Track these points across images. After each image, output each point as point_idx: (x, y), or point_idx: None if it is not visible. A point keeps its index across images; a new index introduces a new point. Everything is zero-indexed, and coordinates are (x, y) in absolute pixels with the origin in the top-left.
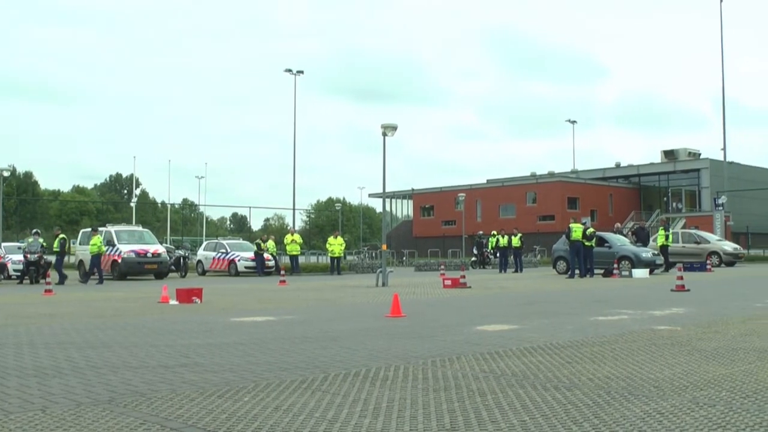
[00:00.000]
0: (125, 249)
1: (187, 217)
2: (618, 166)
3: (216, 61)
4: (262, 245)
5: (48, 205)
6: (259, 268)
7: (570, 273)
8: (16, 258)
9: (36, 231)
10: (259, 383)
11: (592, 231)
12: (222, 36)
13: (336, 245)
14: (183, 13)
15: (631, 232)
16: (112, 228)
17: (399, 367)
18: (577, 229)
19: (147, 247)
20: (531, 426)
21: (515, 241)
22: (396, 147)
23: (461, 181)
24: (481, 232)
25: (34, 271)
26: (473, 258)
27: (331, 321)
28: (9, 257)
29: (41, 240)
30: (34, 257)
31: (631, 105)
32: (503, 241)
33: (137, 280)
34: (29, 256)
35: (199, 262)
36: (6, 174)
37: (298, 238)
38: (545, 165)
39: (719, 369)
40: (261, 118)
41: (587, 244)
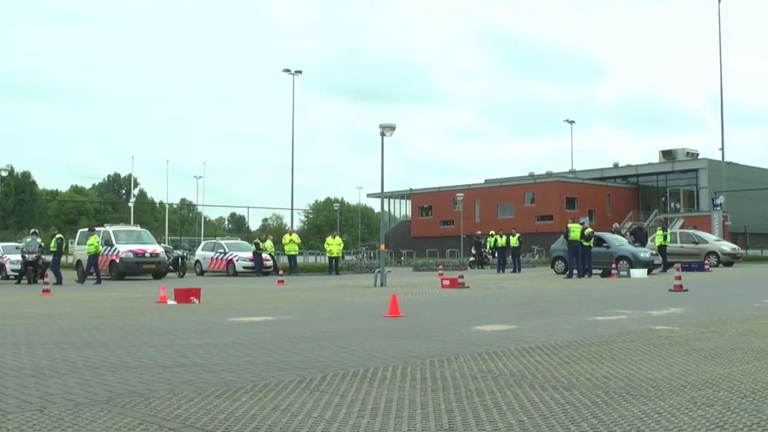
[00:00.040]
0: (123, 249)
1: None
2: (616, 166)
3: (214, 61)
4: (261, 245)
5: (46, 205)
6: (258, 268)
7: (568, 273)
8: (14, 258)
9: (34, 231)
10: (257, 383)
11: (590, 231)
12: (220, 36)
13: (334, 245)
14: (181, 14)
15: (630, 232)
16: (110, 228)
17: (397, 367)
18: (576, 229)
19: (145, 247)
20: (529, 426)
21: (513, 241)
22: (394, 147)
23: (459, 181)
24: (480, 232)
25: (32, 271)
26: (471, 258)
27: (330, 321)
28: (7, 257)
29: (39, 240)
30: (32, 257)
31: (630, 105)
32: (501, 241)
33: (135, 280)
34: (27, 256)
35: (198, 262)
36: (4, 174)
37: (296, 238)
38: (543, 165)
39: (717, 369)
40: (259, 118)
41: (585, 244)
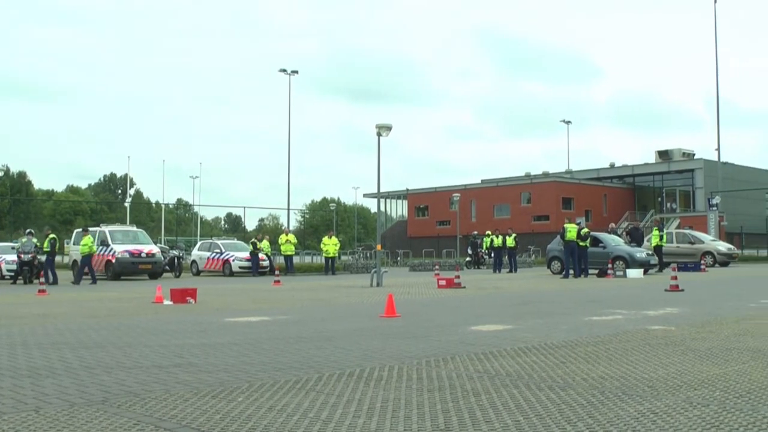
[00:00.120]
0: (119, 249)
1: (182, 217)
2: (612, 166)
3: (211, 61)
4: (257, 245)
5: (42, 205)
6: (254, 268)
7: (564, 273)
8: (9, 258)
9: (30, 231)
10: (254, 383)
11: (586, 231)
12: (217, 36)
13: (330, 245)
14: (178, 14)
15: (626, 232)
16: (106, 228)
17: (393, 367)
18: (572, 230)
19: (141, 247)
20: (525, 426)
21: (510, 242)
22: (391, 147)
23: (456, 182)
24: (476, 232)
25: (27, 272)
26: (468, 258)
27: (326, 321)
28: (2, 257)
29: (35, 240)
30: (27, 257)
31: (626, 105)
32: (498, 242)
33: (131, 280)
34: (23, 256)
35: (194, 262)
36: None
37: (292, 238)
38: (540, 165)
39: (713, 369)
40: (256, 118)
41: (582, 244)
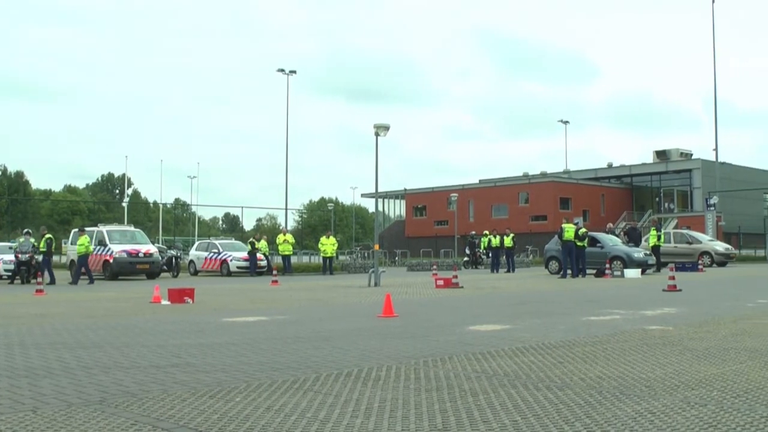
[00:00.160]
0: (117, 249)
1: (179, 217)
2: (610, 166)
3: (208, 61)
4: (256, 244)
5: (39, 205)
6: (252, 267)
7: (562, 273)
8: (7, 258)
9: (27, 231)
10: (251, 383)
11: (584, 231)
12: (215, 36)
13: (328, 245)
14: (175, 14)
15: (623, 232)
16: (103, 228)
17: (391, 367)
18: (570, 230)
19: (139, 247)
20: (523, 426)
21: (507, 241)
22: (389, 147)
23: (454, 182)
24: (474, 232)
25: (25, 271)
26: (465, 258)
27: (323, 321)
28: (0, 257)
29: (32, 240)
30: (25, 257)
31: (624, 105)
32: (495, 241)
33: (129, 280)
34: (20, 256)
35: (191, 262)
36: None
37: (290, 238)
38: (538, 165)
39: (710, 368)
40: (253, 118)
41: (579, 244)
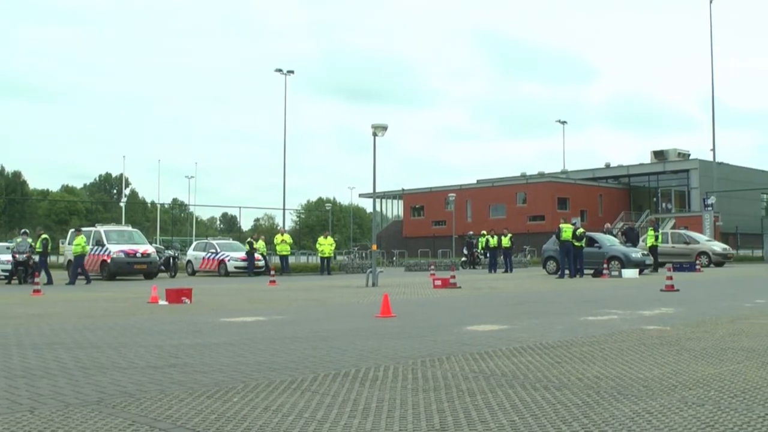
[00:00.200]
0: (115, 249)
1: (177, 217)
2: (608, 166)
3: (206, 61)
4: (254, 244)
5: (37, 205)
6: (250, 267)
7: (560, 273)
8: (4, 258)
9: (24, 231)
10: (249, 383)
11: (581, 231)
12: (213, 36)
13: (326, 245)
14: (174, 14)
15: (621, 232)
16: (101, 228)
17: (389, 368)
18: (567, 230)
19: (136, 247)
20: (520, 426)
21: (505, 242)
22: (386, 147)
23: (451, 182)
24: (471, 232)
25: (22, 271)
26: (463, 258)
27: (321, 321)
28: None
29: (30, 240)
30: (22, 257)
31: (621, 105)
32: (493, 242)
33: (127, 280)
34: (18, 256)
35: (189, 262)
36: None
37: (288, 238)
38: (535, 165)
39: (708, 368)
40: (251, 118)
41: (577, 244)
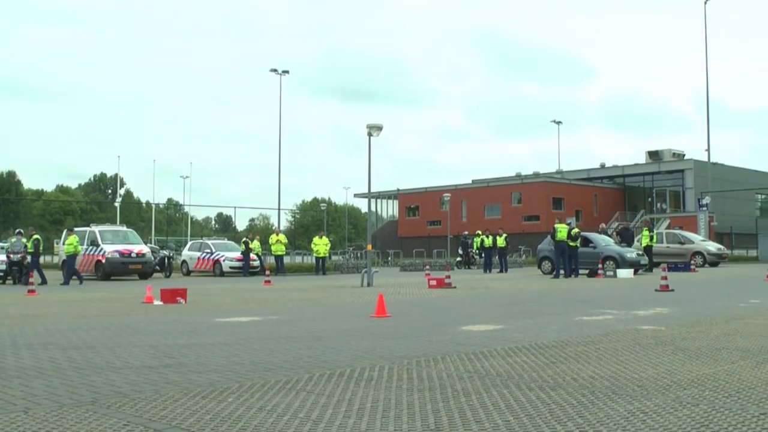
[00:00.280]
0: (109, 249)
1: (172, 217)
2: (603, 166)
3: (201, 61)
4: (250, 244)
5: (31, 205)
6: (245, 267)
7: (555, 273)
8: None
9: (19, 231)
10: (244, 384)
11: (577, 231)
12: (208, 36)
13: (321, 245)
14: (168, 14)
15: (616, 232)
16: (96, 228)
17: (384, 367)
18: (562, 230)
19: (131, 247)
20: (515, 426)
21: (500, 242)
22: (382, 147)
23: (447, 182)
24: (467, 232)
25: (17, 272)
26: (458, 258)
27: (316, 321)
28: None
29: (24, 240)
30: (16, 257)
31: (616, 106)
32: (488, 242)
33: (121, 280)
34: (12, 256)
35: (184, 262)
36: None
37: (283, 238)
38: (530, 165)
39: (703, 368)
40: (246, 118)
41: (572, 244)
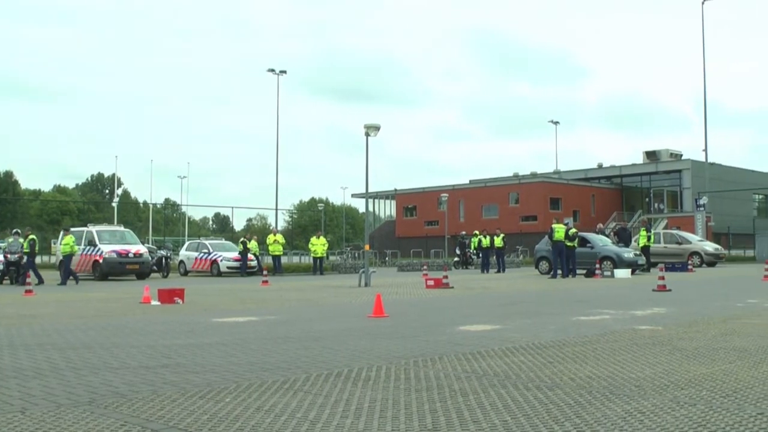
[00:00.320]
0: (107, 249)
1: (170, 217)
2: (600, 166)
3: (199, 61)
4: (248, 244)
5: (29, 205)
6: (243, 267)
7: (552, 273)
8: None
9: (16, 231)
10: (241, 384)
11: (574, 231)
12: (205, 36)
13: (318, 245)
14: (165, 14)
15: (613, 232)
16: (93, 228)
17: (381, 368)
18: (560, 230)
19: (129, 248)
20: (513, 426)
21: (498, 242)
22: (379, 147)
23: (444, 182)
24: (464, 232)
25: (14, 272)
26: (456, 258)
27: (314, 321)
28: None
29: (21, 240)
30: (14, 257)
31: (614, 106)
32: (486, 242)
33: (119, 280)
34: (9, 256)
35: (181, 262)
36: None
37: (280, 238)
38: (528, 165)
39: (700, 368)
40: (244, 118)
41: (569, 244)
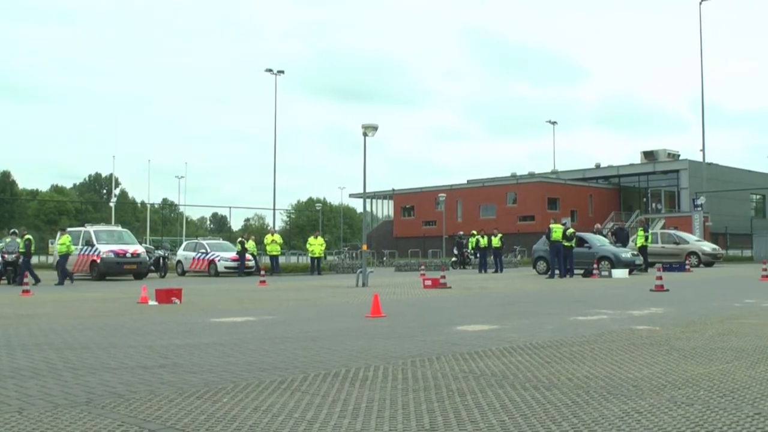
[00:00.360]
0: (104, 249)
1: (167, 217)
2: (598, 166)
3: (196, 61)
4: (245, 244)
5: (26, 205)
6: (241, 267)
7: (550, 273)
8: None
9: (14, 231)
10: (239, 384)
11: (572, 231)
12: (202, 36)
13: (316, 245)
14: (163, 13)
15: (611, 232)
16: (91, 228)
17: (379, 368)
18: (557, 230)
19: (126, 248)
20: (510, 426)
21: (495, 242)
22: (377, 147)
23: (442, 182)
24: (462, 232)
25: (12, 272)
26: (453, 258)
27: (311, 321)
28: None
29: (19, 240)
30: (11, 257)
31: (612, 106)
32: (483, 242)
33: (116, 280)
34: (7, 256)
35: (179, 262)
36: None
37: (278, 238)
38: (526, 165)
39: (697, 368)
40: (242, 118)
41: (567, 244)
